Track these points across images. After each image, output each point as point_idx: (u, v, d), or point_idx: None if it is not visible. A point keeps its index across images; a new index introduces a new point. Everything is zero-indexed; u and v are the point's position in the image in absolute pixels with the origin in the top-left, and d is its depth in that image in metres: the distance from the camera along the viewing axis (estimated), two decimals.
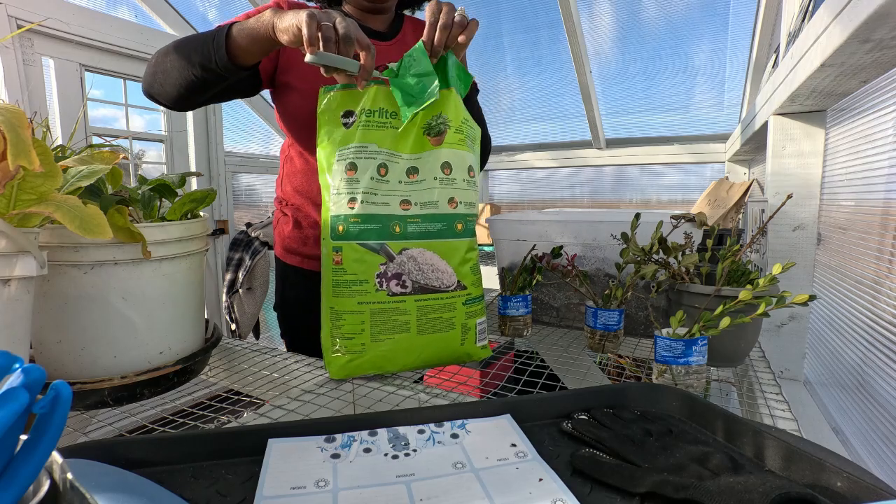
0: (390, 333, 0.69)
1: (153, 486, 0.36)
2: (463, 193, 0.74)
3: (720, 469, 0.39)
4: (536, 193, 2.80)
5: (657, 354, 0.64)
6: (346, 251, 0.68)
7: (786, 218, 1.14)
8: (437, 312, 0.72)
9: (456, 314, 0.73)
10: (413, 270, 0.70)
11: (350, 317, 0.68)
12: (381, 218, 0.69)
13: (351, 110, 0.70)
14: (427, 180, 0.71)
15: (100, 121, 2.19)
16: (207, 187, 1.19)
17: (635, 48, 2.03)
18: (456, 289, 0.73)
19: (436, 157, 0.72)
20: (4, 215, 0.45)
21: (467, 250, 0.74)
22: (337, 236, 0.69)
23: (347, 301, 0.68)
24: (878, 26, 0.60)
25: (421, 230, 0.71)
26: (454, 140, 0.72)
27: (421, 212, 0.71)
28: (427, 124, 0.71)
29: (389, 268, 0.69)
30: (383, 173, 0.70)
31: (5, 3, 1.71)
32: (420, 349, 0.71)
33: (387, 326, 0.69)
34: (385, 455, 0.44)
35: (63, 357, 0.58)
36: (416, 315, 0.70)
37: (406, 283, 0.70)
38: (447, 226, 0.73)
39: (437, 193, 0.72)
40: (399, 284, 0.69)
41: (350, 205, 0.68)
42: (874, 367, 0.85)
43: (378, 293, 0.69)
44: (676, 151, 2.31)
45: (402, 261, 0.70)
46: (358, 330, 0.68)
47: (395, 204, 0.70)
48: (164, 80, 0.77)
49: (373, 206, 0.69)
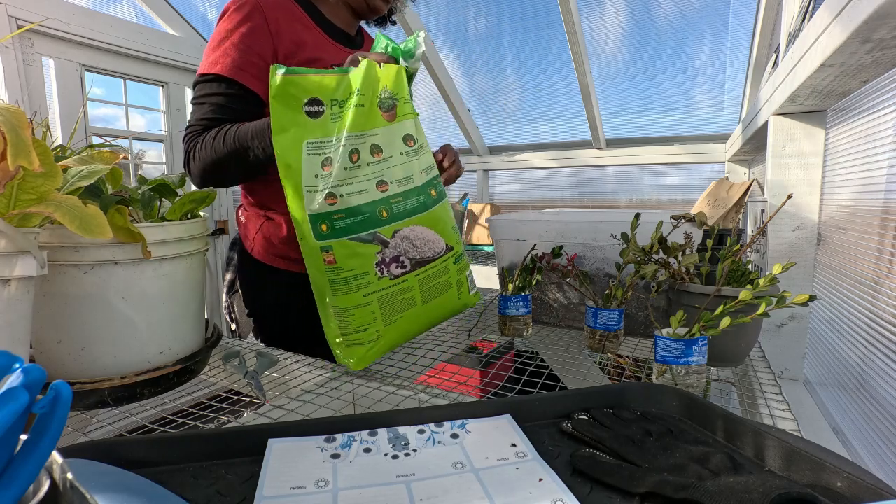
0: (400, 313, 0.71)
1: (153, 486, 0.36)
2: (426, 159, 0.74)
3: (720, 469, 0.39)
4: (537, 193, 2.80)
5: (657, 354, 0.64)
6: (337, 249, 0.67)
7: (786, 218, 1.14)
8: (436, 279, 0.74)
9: (450, 274, 0.76)
10: (409, 249, 0.71)
11: (359, 311, 0.68)
12: (365, 207, 0.67)
13: (317, 98, 0.67)
14: (394, 156, 0.70)
15: (100, 120, 2.19)
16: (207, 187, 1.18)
17: (635, 48, 2.03)
18: (445, 252, 0.75)
19: (395, 132, 0.70)
20: (4, 215, 0.45)
21: (446, 212, 0.76)
22: (322, 235, 0.66)
23: (352, 297, 0.68)
24: (879, 26, 0.60)
25: (407, 208, 0.70)
26: (407, 111, 0.72)
27: (400, 189, 0.70)
28: (379, 99, 0.70)
29: (386, 253, 0.69)
30: (355, 159, 0.67)
31: (5, 3, 1.71)
32: (427, 316, 0.75)
33: (396, 308, 0.71)
34: (385, 455, 0.44)
35: (63, 357, 0.58)
36: (418, 288, 0.72)
37: (405, 263, 0.71)
38: (425, 196, 0.73)
39: (407, 168, 0.71)
40: (399, 266, 0.70)
41: (329, 201, 0.66)
42: (874, 367, 0.85)
43: (381, 280, 0.69)
44: (676, 151, 2.31)
45: (397, 243, 0.70)
46: (370, 320, 0.69)
47: (372, 188, 0.68)
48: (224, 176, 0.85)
49: (354, 196, 0.67)
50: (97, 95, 2.17)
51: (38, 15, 1.80)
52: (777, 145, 1.15)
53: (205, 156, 0.81)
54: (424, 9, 2.14)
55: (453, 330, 1.00)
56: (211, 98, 0.84)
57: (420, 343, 0.90)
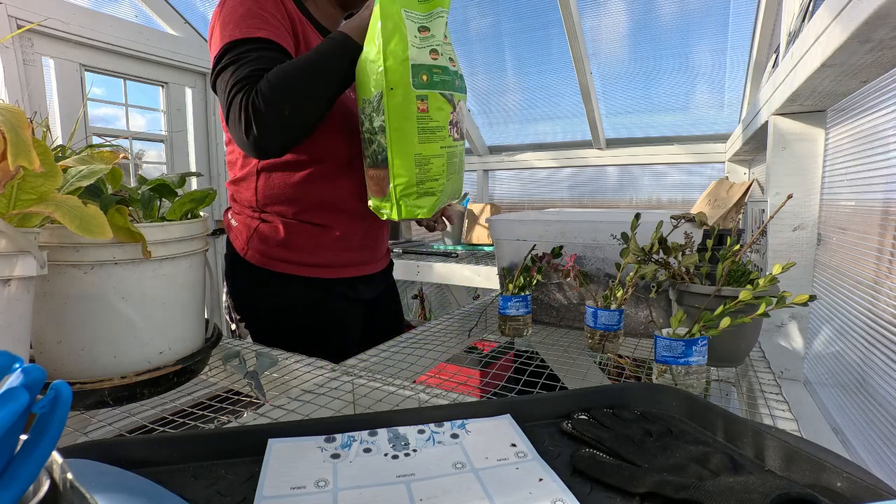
0: (453, 173, 0.84)
1: (153, 486, 0.36)
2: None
3: (720, 469, 0.39)
4: (537, 193, 2.80)
5: (657, 354, 0.64)
6: (430, 99, 0.76)
7: (786, 218, 1.14)
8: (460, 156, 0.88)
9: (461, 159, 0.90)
10: (463, 120, 0.85)
11: (437, 160, 0.79)
12: (450, 70, 0.80)
13: None
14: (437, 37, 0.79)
15: (100, 120, 2.20)
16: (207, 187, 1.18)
17: (635, 48, 2.03)
18: None
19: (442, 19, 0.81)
20: (4, 215, 0.45)
21: None
22: (421, 85, 0.75)
23: (433, 146, 0.78)
24: (879, 26, 0.60)
25: (462, 84, 0.85)
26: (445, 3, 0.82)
27: (458, 69, 0.84)
28: None
29: (453, 116, 0.81)
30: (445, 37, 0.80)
31: (5, 3, 1.71)
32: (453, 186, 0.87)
33: (454, 167, 0.84)
34: (385, 455, 0.44)
35: (63, 357, 0.58)
36: (459, 157, 0.86)
37: (461, 130, 0.85)
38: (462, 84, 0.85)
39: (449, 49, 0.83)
40: (457, 132, 0.83)
41: (432, 56, 0.76)
42: (874, 367, 0.85)
43: (447, 138, 0.80)
44: (676, 151, 2.31)
45: (459, 109, 0.83)
46: (441, 171, 0.81)
47: (448, 60, 0.80)
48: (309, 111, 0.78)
49: (445, 59, 0.79)
50: (97, 95, 2.17)
51: (38, 15, 1.80)
52: (777, 145, 1.15)
53: (280, 96, 0.73)
54: None
55: (453, 330, 1.00)
56: (251, 55, 0.78)
57: (420, 343, 0.90)
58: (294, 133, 0.80)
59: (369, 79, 0.76)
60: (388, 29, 0.73)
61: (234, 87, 0.76)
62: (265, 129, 0.75)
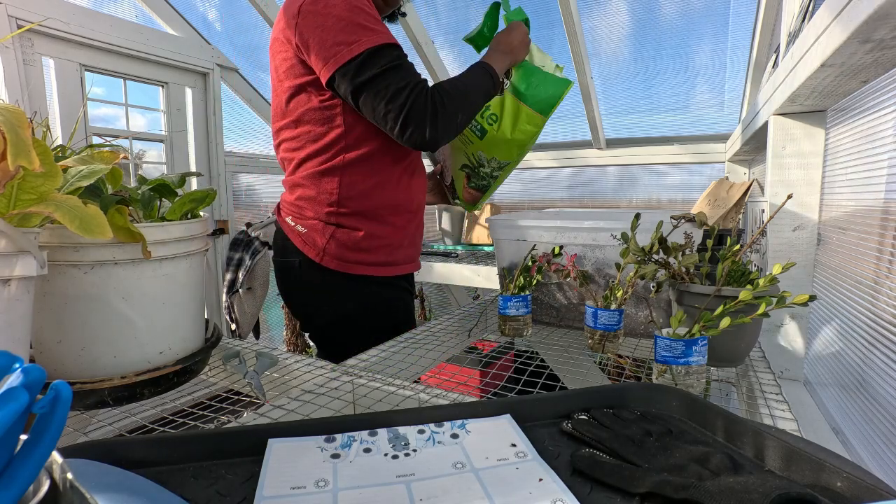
0: None
1: (153, 486, 0.36)
2: None
3: (720, 469, 0.39)
4: (537, 193, 2.80)
5: (657, 354, 0.64)
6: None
7: (786, 218, 1.14)
8: None
9: None
10: None
11: None
12: None
13: None
14: None
15: (100, 120, 2.19)
16: (207, 187, 1.18)
17: (635, 48, 2.02)
18: None
19: None
20: (4, 215, 0.45)
21: None
22: None
23: None
24: (879, 26, 0.60)
25: None
26: None
27: None
28: None
29: None
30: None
31: (5, 3, 1.71)
32: None
33: None
34: (385, 455, 0.44)
35: (63, 357, 0.58)
36: None
37: None
38: None
39: None
40: None
41: None
42: (874, 367, 0.85)
43: None
44: (677, 151, 2.31)
45: None
46: None
47: None
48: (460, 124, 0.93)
49: None
50: (97, 95, 2.17)
51: (38, 15, 1.80)
52: (777, 145, 1.15)
53: (457, 104, 0.90)
54: (425, 9, 2.14)
55: (453, 330, 1.00)
56: (404, 61, 0.89)
57: (420, 343, 0.90)
58: (453, 136, 0.94)
59: (501, 149, 1.14)
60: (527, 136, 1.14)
61: (416, 85, 0.88)
62: (444, 125, 0.89)
